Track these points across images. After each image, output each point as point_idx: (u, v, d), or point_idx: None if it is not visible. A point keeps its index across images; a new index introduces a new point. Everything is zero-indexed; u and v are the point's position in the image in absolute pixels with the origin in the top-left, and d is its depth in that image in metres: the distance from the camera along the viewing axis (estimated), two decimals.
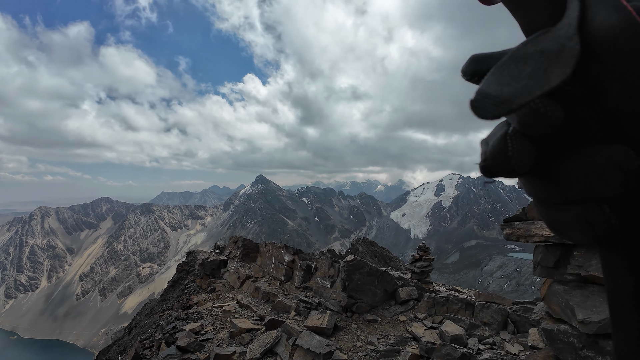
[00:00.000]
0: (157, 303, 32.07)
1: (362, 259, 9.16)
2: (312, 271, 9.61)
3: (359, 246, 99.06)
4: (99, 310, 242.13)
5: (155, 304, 33.07)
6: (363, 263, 9.13)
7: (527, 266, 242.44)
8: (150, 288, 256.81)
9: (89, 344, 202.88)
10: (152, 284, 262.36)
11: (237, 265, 12.33)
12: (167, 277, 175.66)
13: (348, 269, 8.92)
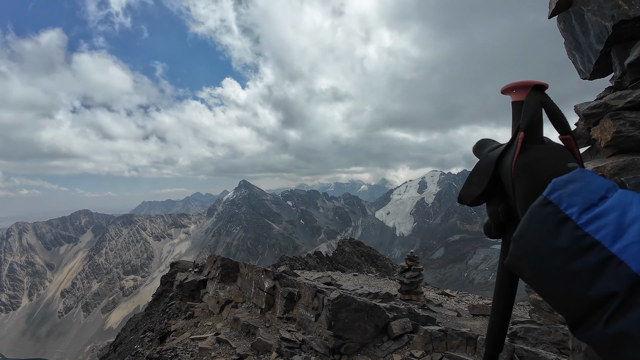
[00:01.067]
0: (142, 318, 31.87)
1: (348, 295, 8.54)
2: (294, 299, 8.88)
3: (345, 247, 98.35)
4: (83, 327, 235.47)
5: (140, 318, 32.82)
6: (350, 300, 8.35)
7: None
8: (135, 301, 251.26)
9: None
10: (137, 297, 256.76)
11: (216, 287, 11.79)
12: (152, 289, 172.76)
13: (333, 307, 8.18)
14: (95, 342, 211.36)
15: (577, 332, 0.55)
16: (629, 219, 0.51)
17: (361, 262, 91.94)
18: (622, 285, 0.48)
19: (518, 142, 0.72)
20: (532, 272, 0.60)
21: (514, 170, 0.71)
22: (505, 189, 0.77)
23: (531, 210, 0.61)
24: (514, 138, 0.75)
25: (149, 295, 38.87)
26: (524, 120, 0.75)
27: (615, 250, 0.49)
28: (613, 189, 0.57)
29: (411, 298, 10.79)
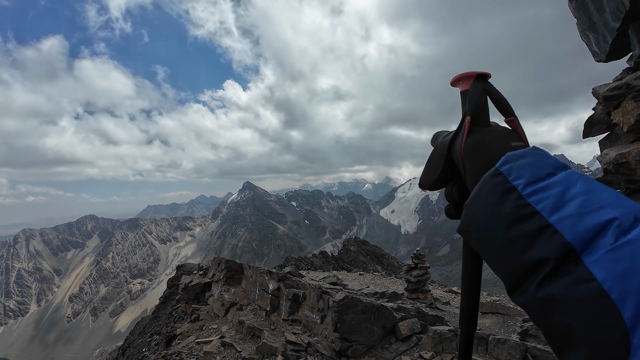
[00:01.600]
0: (150, 321, 31.83)
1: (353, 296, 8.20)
2: (299, 301, 8.60)
3: (350, 246, 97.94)
4: (92, 331, 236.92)
5: (147, 322, 32.80)
6: (356, 301, 8.07)
7: None
8: (142, 304, 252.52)
9: None
10: (144, 300, 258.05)
11: (221, 289, 11.68)
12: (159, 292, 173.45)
13: (339, 309, 7.90)
14: (104, 345, 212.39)
15: (513, 295, 0.58)
16: (571, 195, 0.54)
17: (367, 261, 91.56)
18: (554, 252, 0.51)
19: (465, 126, 0.79)
20: (477, 236, 0.64)
21: (463, 151, 0.77)
22: (458, 172, 0.84)
23: (483, 179, 0.66)
24: (462, 123, 0.82)
25: (156, 298, 38.85)
26: (469, 105, 0.81)
27: (552, 220, 0.52)
28: (563, 168, 0.61)
29: (418, 297, 10.57)
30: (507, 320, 8.59)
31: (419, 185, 0.92)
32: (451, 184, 0.87)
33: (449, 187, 0.87)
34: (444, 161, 0.84)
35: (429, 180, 0.89)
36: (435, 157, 0.88)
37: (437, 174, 0.86)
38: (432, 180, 0.89)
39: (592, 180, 0.58)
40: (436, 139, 0.95)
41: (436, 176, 0.87)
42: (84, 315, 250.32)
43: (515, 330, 8.02)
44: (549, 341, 0.55)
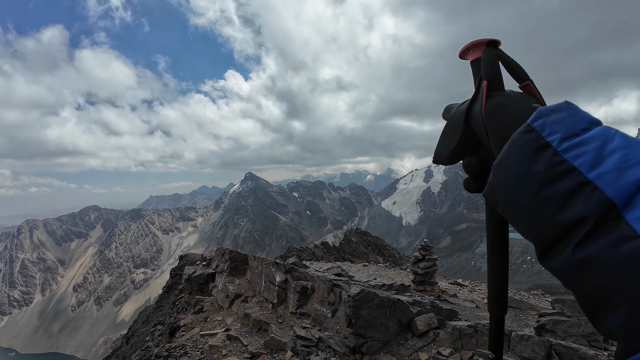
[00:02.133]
0: (153, 310, 32.04)
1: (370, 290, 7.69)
2: (308, 293, 8.14)
3: (352, 237, 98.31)
4: (96, 320, 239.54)
5: (151, 311, 33.01)
6: (372, 295, 7.59)
7: (517, 245, 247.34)
8: (145, 293, 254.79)
9: (88, 355, 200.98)
10: (148, 289, 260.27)
11: (225, 280, 11.31)
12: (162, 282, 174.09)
13: (354, 304, 7.38)
14: (108, 334, 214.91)
15: (546, 259, 0.56)
16: (609, 149, 0.52)
17: (368, 252, 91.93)
18: (594, 209, 0.48)
19: (483, 91, 0.75)
20: (506, 199, 0.60)
21: (485, 115, 0.73)
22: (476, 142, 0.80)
23: (513, 137, 0.62)
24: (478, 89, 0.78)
25: (160, 288, 39.02)
26: (484, 70, 0.78)
27: (591, 177, 0.49)
28: (597, 124, 0.58)
29: (425, 289, 10.41)
30: (519, 315, 8.39)
31: (433, 160, 0.89)
32: (469, 154, 0.83)
33: (467, 159, 0.83)
34: (461, 130, 0.81)
35: (445, 152, 0.85)
36: (452, 128, 0.84)
37: (454, 143, 0.82)
38: (448, 152, 0.84)
39: (629, 136, 0.55)
40: (448, 111, 0.91)
41: (453, 147, 0.82)
42: (88, 304, 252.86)
43: (528, 324, 7.85)
44: (583, 305, 0.52)
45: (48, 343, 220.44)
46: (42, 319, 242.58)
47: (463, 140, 0.81)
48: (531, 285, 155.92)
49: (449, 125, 0.85)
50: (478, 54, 0.84)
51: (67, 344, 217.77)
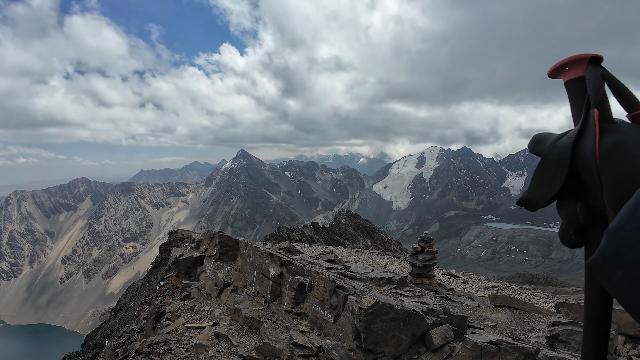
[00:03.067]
0: (142, 285, 31.77)
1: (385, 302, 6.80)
2: (305, 291, 7.29)
3: (342, 219, 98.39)
4: (85, 292, 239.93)
5: (139, 285, 32.78)
6: (387, 308, 6.61)
7: (502, 235, 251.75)
8: (135, 267, 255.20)
9: (77, 326, 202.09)
10: (137, 263, 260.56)
11: (214, 266, 10.53)
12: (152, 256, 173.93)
13: (367, 318, 6.47)
14: (97, 306, 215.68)
15: None
16: None
17: (357, 234, 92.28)
18: None
19: (595, 123, 0.61)
20: (625, 275, 0.49)
21: (599, 155, 0.58)
22: (581, 184, 0.65)
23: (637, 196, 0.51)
24: (586, 119, 0.63)
25: (149, 262, 38.75)
26: (593, 95, 0.63)
27: None
28: None
29: (423, 282, 9.99)
30: (524, 317, 7.99)
31: (527, 206, 0.71)
32: (571, 201, 0.67)
33: (570, 206, 0.67)
34: (566, 171, 0.64)
35: (544, 196, 0.68)
36: (552, 166, 0.67)
37: (556, 188, 0.65)
38: (549, 197, 0.67)
39: None
40: (541, 143, 0.74)
41: (555, 191, 0.66)
42: (77, 277, 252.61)
43: (533, 328, 7.45)
44: None
45: (37, 315, 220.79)
46: (30, 290, 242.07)
47: (567, 182, 0.66)
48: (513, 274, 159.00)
49: (547, 162, 0.68)
50: (577, 73, 0.69)
51: (56, 315, 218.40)
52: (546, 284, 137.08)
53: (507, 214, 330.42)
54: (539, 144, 0.73)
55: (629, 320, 6.75)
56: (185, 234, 34.62)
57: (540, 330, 7.34)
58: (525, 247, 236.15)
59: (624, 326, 6.80)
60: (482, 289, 13.63)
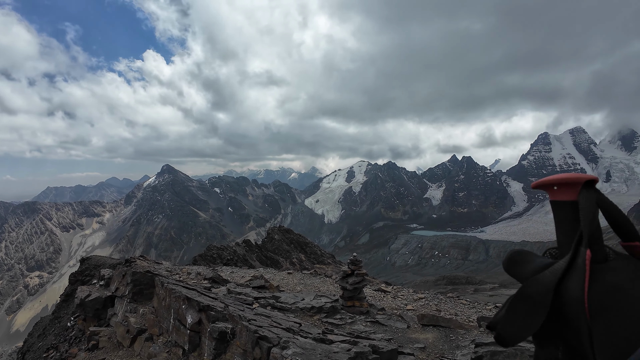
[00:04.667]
0: (50, 321, 28.04)
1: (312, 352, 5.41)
2: (227, 339, 6.17)
3: (275, 234, 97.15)
4: None
5: (47, 322, 28.89)
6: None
7: (426, 242, 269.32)
8: (42, 300, 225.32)
9: None
10: (44, 295, 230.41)
11: (125, 308, 9.14)
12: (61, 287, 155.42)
13: None
14: (3, 346, 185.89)
15: None
16: None
17: (290, 250, 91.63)
18: None
19: (586, 266, 0.55)
20: None
21: (589, 307, 0.53)
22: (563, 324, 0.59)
23: None
24: (575, 257, 0.57)
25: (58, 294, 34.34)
26: (586, 230, 0.57)
27: None
28: None
29: (354, 304, 9.91)
30: (450, 334, 8.22)
31: (498, 340, 0.64)
32: (551, 343, 0.60)
33: (549, 349, 0.61)
34: (546, 312, 0.58)
35: (519, 336, 0.61)
36: (529, 303, 0.59)
37: (533, 329, 0.60)
38: (523, 338, 0.61)
39: None
40: (517, 265, 0.65)
41: (532, 333, 0.61)
42: None
43: (459, 346, 7.66)
44: None
45: None
46: None
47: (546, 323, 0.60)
48: (438, 277, 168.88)
49: (524, 296, 0.60)
50: (569, 196, 0.60)
51: None
52: (467, 284, 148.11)
53: (430, 222, 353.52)
54: (517, 266, 0.65)
55: None
56: (100, 261, 31.41)
57: (465, 347, 7.56)
58: (447, 252, 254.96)
59: None
60: (411, 301, 14.00)
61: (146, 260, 20.68)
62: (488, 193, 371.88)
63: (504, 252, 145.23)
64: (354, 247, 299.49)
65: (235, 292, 9.71)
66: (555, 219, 0.62)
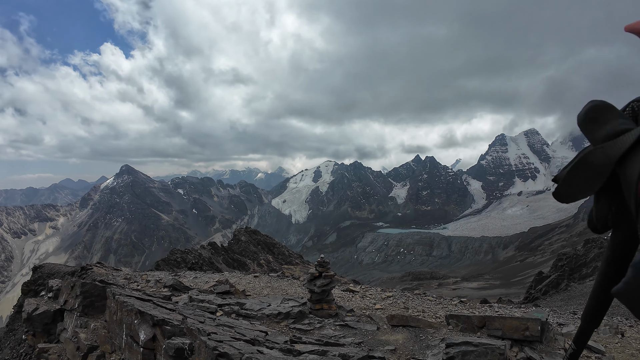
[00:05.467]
0: (4, 335, 26.36)
1: None
2: (185, 356, 5.49)
3: (241, 236, 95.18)
4: None
5: (2, 335, 27.17)
6: None
7: (392, 239, 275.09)
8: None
9: None
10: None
11: (76, 323, 8.30)
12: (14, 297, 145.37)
13: None
14: None
15: None
16: None
17: (258, 251, 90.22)
18: None
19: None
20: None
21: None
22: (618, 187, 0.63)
23: None
24: None
25: (11, 304, 31.85)
26: None
27: None
28: None
29: (322, 307, 9.60)
30: (419, 334, 8.09)
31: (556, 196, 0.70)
32: (606, 200, 0.65)
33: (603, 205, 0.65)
34: (604, 179, 0.63)
35: (574, 195, 0.66)
36: (590, 171, 0.63)
37: (589, 192, 0.63)
38: (578, 198, 0.66)
39: None
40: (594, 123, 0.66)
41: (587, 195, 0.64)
42: None
43: (430, 345, 7.55)
44: None
45: None
46: None
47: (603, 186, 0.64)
48: (404, 273, 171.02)
49: (587, 162, 0.64)
50: None
51: None
52: (431, 279, 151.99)
53: (395, 220, 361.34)
54: (592, 124, 0.66)
55: (512, 326, 7.31)
56: (54, 269, 29.48)
57: (435, 346, 7.47)
58: (412, 248, 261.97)
59: (508, 331, 7.33)
60: (379, 300, 13.90)
61: (104, 267, 19.42)
62: (450, 191, 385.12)
63: (465, 248, 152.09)
64: (322, 247, 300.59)
65: (198, 299, 9.13)
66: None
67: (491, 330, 7.67)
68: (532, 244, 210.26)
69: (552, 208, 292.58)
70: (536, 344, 7.31)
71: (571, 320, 12.13)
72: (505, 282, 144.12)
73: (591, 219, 0.66)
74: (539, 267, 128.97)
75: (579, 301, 31.20)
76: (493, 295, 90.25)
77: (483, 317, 8.16)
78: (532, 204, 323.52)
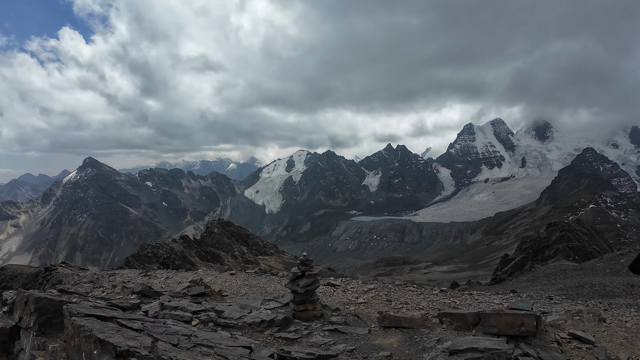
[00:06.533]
0: None
1: None
2: None
3: (214, 228, 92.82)
4: None
5: None
6: None
7: (365, 227, 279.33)
8: None
9: None
10: None
11: (33, 344, 7.22)
12: None
13: None
14: None
15: None
16: None
17: (232, 242, 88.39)
18: None
19: None
20: None
21: None
22: None
23: None
24: None
25: None
26: None
27: None
28: None
29: (307, 308, 8.98)
30: (413, 335, 7.62)
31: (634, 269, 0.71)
32: None
33: None
34: None
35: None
36: None
37: None
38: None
39: None
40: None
41: None
42: None
43: (425, 347, 7.10)
44: None
45: None
46: None
47: None
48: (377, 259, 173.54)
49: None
50: None
51: None
52: (404, 264, 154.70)
53: (368, 208, 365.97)
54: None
55: (508, 322, 6.97)
56: (17, 270, 27.28)
57: (432, 348, 7.02)
58: (385, 235, 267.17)
59: (503, 328, 6.98)
60: (362, 293, 13.44)
61: (69, 267, 17.86)
62: (420, 179, 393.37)
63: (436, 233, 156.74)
64: (296, 236, 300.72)
65: (170, 306, 8.25)
66: None
67: (486, 328, 7.33)
68: (497, 228, 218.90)
69: (516, 194, 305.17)
70: (530, 338, 7.05)
71: (550, 307, 12.13)
72: (473, 265, 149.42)
73: None
74: (505, 250, 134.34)
75: (543, 282, 32.11)
76: (462, 278, 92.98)
77: (477, 313, 7.82)
78: (497, 190, 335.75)
